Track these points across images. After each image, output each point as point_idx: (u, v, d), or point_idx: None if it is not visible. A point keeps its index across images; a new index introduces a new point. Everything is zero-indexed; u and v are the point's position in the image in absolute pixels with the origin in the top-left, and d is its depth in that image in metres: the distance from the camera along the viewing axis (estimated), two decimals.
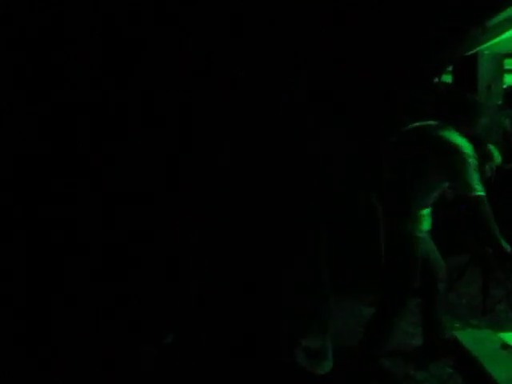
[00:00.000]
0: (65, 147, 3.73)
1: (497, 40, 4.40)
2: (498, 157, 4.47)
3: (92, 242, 3.61)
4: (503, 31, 4.20)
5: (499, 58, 4.83)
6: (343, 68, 3.98)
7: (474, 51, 4.75)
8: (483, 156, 4.19)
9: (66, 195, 3.74)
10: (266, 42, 3.77)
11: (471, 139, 3.55)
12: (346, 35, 4.15)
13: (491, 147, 4.44)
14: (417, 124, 3.22)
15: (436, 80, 5.50)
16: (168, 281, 3.54)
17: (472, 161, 2.99)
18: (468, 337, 3.64)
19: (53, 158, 3.72)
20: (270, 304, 2.86)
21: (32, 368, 3.27)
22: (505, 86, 5.01)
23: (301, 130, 3.61)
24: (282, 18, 3.72)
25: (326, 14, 4.00)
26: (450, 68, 5.35)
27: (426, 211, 3.18)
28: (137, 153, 3.77)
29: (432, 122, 3.17)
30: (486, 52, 4.74)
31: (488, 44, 4.54)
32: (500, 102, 4.81)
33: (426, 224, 3.21)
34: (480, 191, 2.96)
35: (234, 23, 3.77)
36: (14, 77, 3.59)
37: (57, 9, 3.56)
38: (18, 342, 3.39)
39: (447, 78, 5.54)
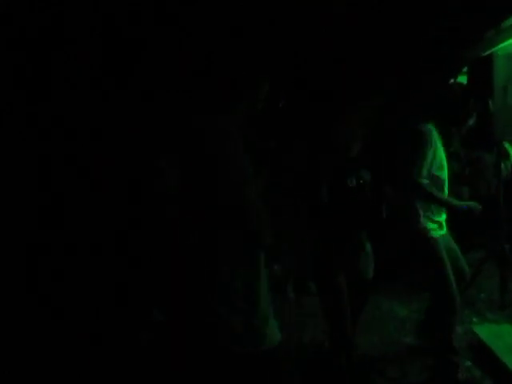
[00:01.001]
0: (65, 147, 3.73)
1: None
2: None
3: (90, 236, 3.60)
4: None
5: None
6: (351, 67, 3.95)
7: (489, 52, 4.75)
8: (499, 155, 4.17)
9: (66, 195, 3.73)
10: (266, 42, 3.75)
11: (488, 138, 3.54)
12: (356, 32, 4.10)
13: (507, 146, 4.41)
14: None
15: (451, 81, 5.47)
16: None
17: None
18: (486, 331, 3.66)
19: (52, 158, 3.72)
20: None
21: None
22: None
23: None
24: (282, 18, 3.70)
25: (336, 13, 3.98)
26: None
27: None
28: (137, 152, 3.77)
29: None
30: (501, 53, 4.74)
31: (503, 45, 4.55)
32: None
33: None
34: None
35: (233, 23, 3.76)
36: (14, 77, 3.60)
37: (57, 9, 3.57)
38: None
39: (462, 79, 5.52)
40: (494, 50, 4.69)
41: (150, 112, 3.70)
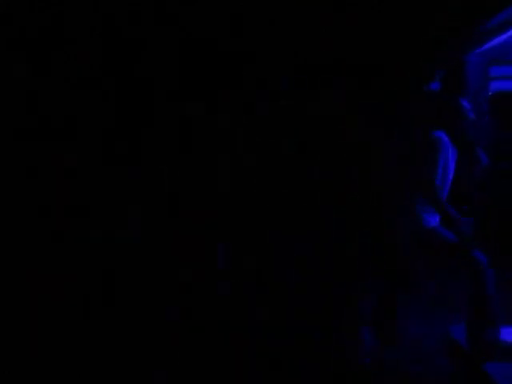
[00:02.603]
0: (65, 147, 3.73)
1: (482, 49, 4.50)
2: (485, 160, 4.55)
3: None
4: (488, 40, 4.28)
5: (485, 65, 4.94)
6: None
7: (461, 59, 4.84)
8: (472, 160, 4.27)
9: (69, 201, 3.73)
10: (266, 42, 3.77)
11: (463, 144, 3.68)
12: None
13: (480, 151, 4.51)
14: None
15: (425, 87, 5.54)
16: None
17: None
18: (462, 330, 3.70)
19: (53, 159, 3.71)
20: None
21: None
22: (490, 93, 5.13)
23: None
24: (282, 18, 3.72)
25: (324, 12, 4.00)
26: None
27: None
28: (138, 152, 3.78)
29: None
30: (473, 60, 4.85)
31: (474, 52, 4.64)
32: (486, 109, 4.92)
33: None
34: None
35: (234, 23, 3.77)
36: (14, 77, 3.58)
37: (57, 9, 3.55)
38: None
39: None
40: (465, 57, 4.80)
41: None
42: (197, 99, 3.87)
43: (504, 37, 4.13)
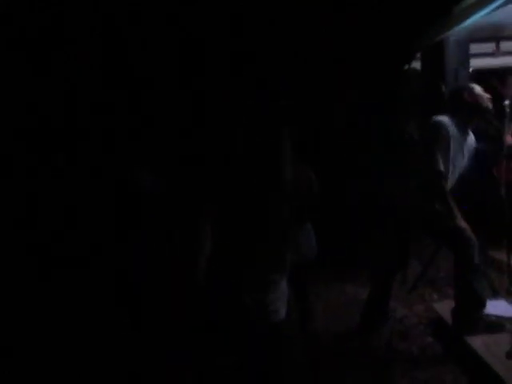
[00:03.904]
0: (65, 146, 3.72)
1: (462, 26, 4.43)
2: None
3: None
4: (468, 17, 4.22)
5: (465, 43, 4.89)
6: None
7: (441, 37, 4.78)
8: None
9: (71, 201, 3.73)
10: (265, 41, 3.80)
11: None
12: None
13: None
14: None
15: (406, 67, 5.53)
16: None
17: None
18: (445, 307, 3.78)
19: (53, 157, 3.71)
20: None
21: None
22: (470, 70, 5.09)
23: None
24: (282, 18, 3.76)
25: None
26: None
27: None
28: (139, 151, 3.78)
29: None
30: (453, 38, 4.78)
31: (454, 30, 4.57)
32: None
33: None
34: None
35: (233, 23, 3.79)
36: (14, 77, 3.55)
37: (57, 9, 3.53)
38: None
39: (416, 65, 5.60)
40: (445, 35, 4.71)
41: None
42: (197, 99, 3.88)
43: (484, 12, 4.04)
